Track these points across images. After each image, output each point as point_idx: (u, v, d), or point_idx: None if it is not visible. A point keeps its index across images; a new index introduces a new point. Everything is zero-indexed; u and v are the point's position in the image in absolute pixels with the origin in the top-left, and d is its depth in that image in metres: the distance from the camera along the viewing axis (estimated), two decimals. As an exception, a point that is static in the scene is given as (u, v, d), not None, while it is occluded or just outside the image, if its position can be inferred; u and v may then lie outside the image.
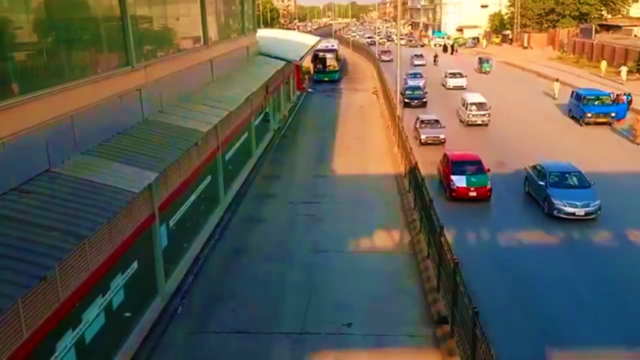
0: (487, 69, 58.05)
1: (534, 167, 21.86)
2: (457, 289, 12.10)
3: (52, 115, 11.11)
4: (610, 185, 22.12)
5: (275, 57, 35.42)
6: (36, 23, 11.79)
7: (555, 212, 19.43)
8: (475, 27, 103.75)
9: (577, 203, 19.29)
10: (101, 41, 14.35)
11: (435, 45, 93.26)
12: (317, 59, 56.07)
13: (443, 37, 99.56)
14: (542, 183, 20.59)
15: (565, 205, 19.31)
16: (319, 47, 53.50)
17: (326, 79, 54.97)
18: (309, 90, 50.16)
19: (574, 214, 19.23)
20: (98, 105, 13.02)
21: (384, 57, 67.59)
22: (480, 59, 61.07)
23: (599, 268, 16.12)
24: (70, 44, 12.89)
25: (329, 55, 55.82)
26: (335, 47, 59.30)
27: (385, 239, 18.47)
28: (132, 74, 15.06)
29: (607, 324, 13.44)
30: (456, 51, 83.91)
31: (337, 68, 56.37)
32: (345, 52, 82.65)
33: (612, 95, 34.50)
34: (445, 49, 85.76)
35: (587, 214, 19.23)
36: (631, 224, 18.87)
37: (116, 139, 13.68)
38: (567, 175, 20.90)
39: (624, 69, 47.23)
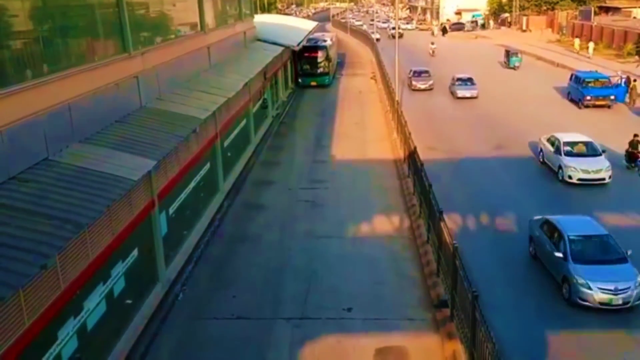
0: (516, 64, 49.31)
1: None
2: (456, 272, 12.15)
3: (49, 104, 11.07)
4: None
5: (273, 43, 35.23)
6: (32, 10, 11.71)
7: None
8: (475, 10, 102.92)
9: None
10: (97, 28, 14.25)
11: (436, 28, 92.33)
12: (303, 57, 43.98)
13: (478, 19, 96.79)
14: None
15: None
16: (306, 42, 43.97)
17: (313, 83, 43.98)
18: None
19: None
20: (95, 93, 12.97)
21: (420, 84, 40.82)
22: (507, 52, 51.30)
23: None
24: (66, 31, 12.82)
25: (318, 54, 44.04)
26: (328, 41, 47.13)
27: (384, 224, 18.50)
28: (129, 61, 14.98)
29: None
30: (445, 34, 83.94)
31: (327, 70, 44.68)
32: (343, 36, 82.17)
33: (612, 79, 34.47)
34: (445, 31, 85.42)
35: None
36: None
37: (114, 126, 13.65)
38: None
39: (591, 45, 53.98)
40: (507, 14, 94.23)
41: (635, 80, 34.17)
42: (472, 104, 35.71)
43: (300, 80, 44.63)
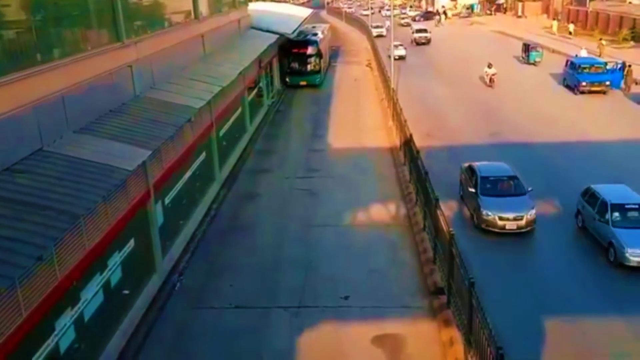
0: (537, 60, 43.71)
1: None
2: (453, 260, 12.18)
3: (42, 94, 10.99)
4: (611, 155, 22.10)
5: (268, 31, 35.04)
6: (24, 0, 11.58)
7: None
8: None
9: None
10: (90, 17, 14.14)
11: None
12: (291, 54, 39.52)
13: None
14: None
15: None
16: (293, 37, 39.23)
17: (303, 82, 39.42)
18: None
19: None
20: (89, 82, 12.88)
21: (504, 219, 16.16)
22: (526, 46, 45.62)
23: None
24: (59, 21, 12.70)
25: (308, 50, 39.42)
26: (319, 35, 42.70)
27: (381, 212, 18.51)
28: (122, 50, 14.87)
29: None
30: (446, 18, 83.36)
31: (319, 68, 39.86)
32: (338, 24, 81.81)
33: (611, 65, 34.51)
34: (446, 15, 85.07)
35: None
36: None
37: (108, 116, 13.58)
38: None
39: (571, 26, 58.03)
40: (501, 0, 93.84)
41: (630, 66, 34.18)
42: (472, 92, 35.64)
43: (288, 79, 40.21)
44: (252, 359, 11.76)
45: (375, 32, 59.77)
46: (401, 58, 46.58)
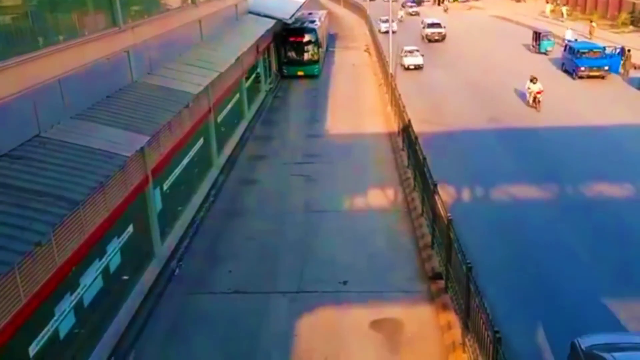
0: (549, 49, 41.90)
1: None
2: (450, 245, 12.22)
3: (39, 80, 10.93)
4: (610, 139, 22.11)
5: (265, 16, 34.82)
6: (18, -16, 11.49)
7: None
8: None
9: None
10: (86, 1, 14.03)
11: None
12: (287, 42, 37.39)
13: None
14: None
15: None
16: (291, 22, 36.98)
17: (300, 73, 37.49)
18: None
19: None
20: (86, 68, 12.81)
21: None
22: (537, 34, 43.25)
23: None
24: (55, 5, 12.61)
25: (305, 38, 37.46)
26: (316, 22, 40.69)
27: (379, 198, 18.54)
28: (119, 35, 14.77)
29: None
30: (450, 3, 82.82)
31: (317, 57, 37.88)
32: (336, 9, 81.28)
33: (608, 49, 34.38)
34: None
35: None
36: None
37: (105, 102, 13.52)
38: None
39: (564, 8, 59.39)
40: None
41: (629, 51, 34.08)
42: (464, 76, 35.51)
43: (284, 69, 38.14)
44: (250, 344, 11.83)
45: (383, 27, 51.19)
46: (417, 67, 38.43)
